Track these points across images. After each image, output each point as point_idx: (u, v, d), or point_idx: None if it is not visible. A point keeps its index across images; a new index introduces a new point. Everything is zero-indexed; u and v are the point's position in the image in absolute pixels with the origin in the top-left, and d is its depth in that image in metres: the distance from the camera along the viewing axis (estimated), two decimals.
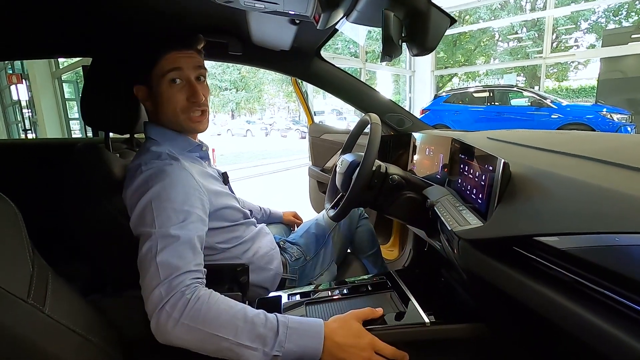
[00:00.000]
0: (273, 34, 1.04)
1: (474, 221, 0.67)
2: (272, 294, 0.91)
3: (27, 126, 6.78)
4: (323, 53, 1.32)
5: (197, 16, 0.95)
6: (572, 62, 14.88)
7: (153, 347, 0.65)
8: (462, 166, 0.83)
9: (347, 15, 0.74)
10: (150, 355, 0.69)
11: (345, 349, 0.61)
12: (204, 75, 0.88)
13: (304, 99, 2.13)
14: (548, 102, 7.01)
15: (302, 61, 1.28)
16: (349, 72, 1.38)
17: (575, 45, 14.58)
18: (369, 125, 0.95)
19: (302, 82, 2.06)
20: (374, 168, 0.94)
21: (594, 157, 0.57)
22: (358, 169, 0.91)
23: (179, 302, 0.59)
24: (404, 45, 0.71)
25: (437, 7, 0.65)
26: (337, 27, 1.13)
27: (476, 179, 0.73)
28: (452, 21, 0.67)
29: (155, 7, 0.87)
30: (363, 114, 1.08)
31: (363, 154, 0.90)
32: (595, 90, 9.27)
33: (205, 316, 0.59)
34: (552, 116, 6.85)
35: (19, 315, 0.50)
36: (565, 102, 7.16)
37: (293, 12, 0.72)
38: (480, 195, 0.69)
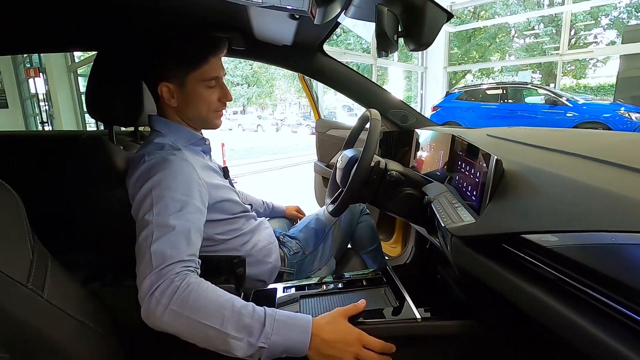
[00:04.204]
0: (274, 28, 1.05)
1: (467, 218, 0.67)
2: (267, 287, 0.93)
3: (44, 119, 6.94)
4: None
5: (200, 11, 0.96)
6: (591, 59, 14.48)
7: (150, 334, 0.67)
8: (459, 163, 0.82)
9: (344, 10, 0.74)
10: (146, 342, 0.71)
11: (333, 344, 0.62)
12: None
13: (311, 94, 2.14)
14: (563, 100, 6.84)
15: (305, 56, 1.28)
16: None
17: (595, 42, 14.17)
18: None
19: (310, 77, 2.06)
20: (372, 164, 0.93)
21: (587, 155, 0.56)
22: (356, 164, 0.92)
23: (167, 289, 0.60)
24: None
25: (434, 2, 0.64)
26: (341, 22, 1.13)
27: (472, 176, 0.72)
28: (449, 16, 0.67)
29: (159, 2, 0.88)
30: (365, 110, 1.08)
31: None
32: (614, 89, 9.01)
33: (193, 304, 0.60)
34: (567, 114, 6.69)
35: (19, 299, 0.53)
36: (581, 101, 6.97)
37: (291, 7, 0.72)
38: (474, 192, 0.69)
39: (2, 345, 0.50)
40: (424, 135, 1.23)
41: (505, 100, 7.71)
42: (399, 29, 0.68)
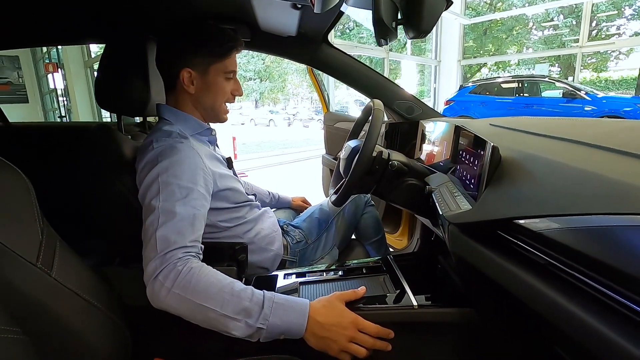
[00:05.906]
0: (278, 19, 1.05)
1: (465, 206, 0.67)
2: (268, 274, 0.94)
3: (63, 113, 7.13)
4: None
5: (205, 2, 0.97)
6: (613, 51, 13.95)
7: (154, 314, 0.70)
8: (461, 153, 0.82)
9: None
10: (150, 321, 0.74)
11: (328, 327, 0.64)
12: None
13: (320, 88, 2.14)
14: (582, 93, 6.64)
15: (310, 47, 1.28)
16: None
17: (617, 34, 13.62)
18: None
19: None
20: (375, 154, 0.94)
21: (586, 141, 0.55)
22: (358, 154, 0.92)
23: (171, 273, 0.63)
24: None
25: None
26: (344, 11, 1.12)
27: (472, 165, 0.72)
28: (448, 3, 0.66)
29: None
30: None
31: None
32: (637, 81, 8.70)
33: (194, 287, 0.62)
34: (586, 108, 6.50)
35: (28, 277, 0.55)
36: (601, 94, 6.76)
37: None
38: (472, 181, 0.68)
39: (14, 321, 0.53)
40: (428, 126, 1.22)
41: (521, 94, 7.52)
42: (398, 16, 0.67)
